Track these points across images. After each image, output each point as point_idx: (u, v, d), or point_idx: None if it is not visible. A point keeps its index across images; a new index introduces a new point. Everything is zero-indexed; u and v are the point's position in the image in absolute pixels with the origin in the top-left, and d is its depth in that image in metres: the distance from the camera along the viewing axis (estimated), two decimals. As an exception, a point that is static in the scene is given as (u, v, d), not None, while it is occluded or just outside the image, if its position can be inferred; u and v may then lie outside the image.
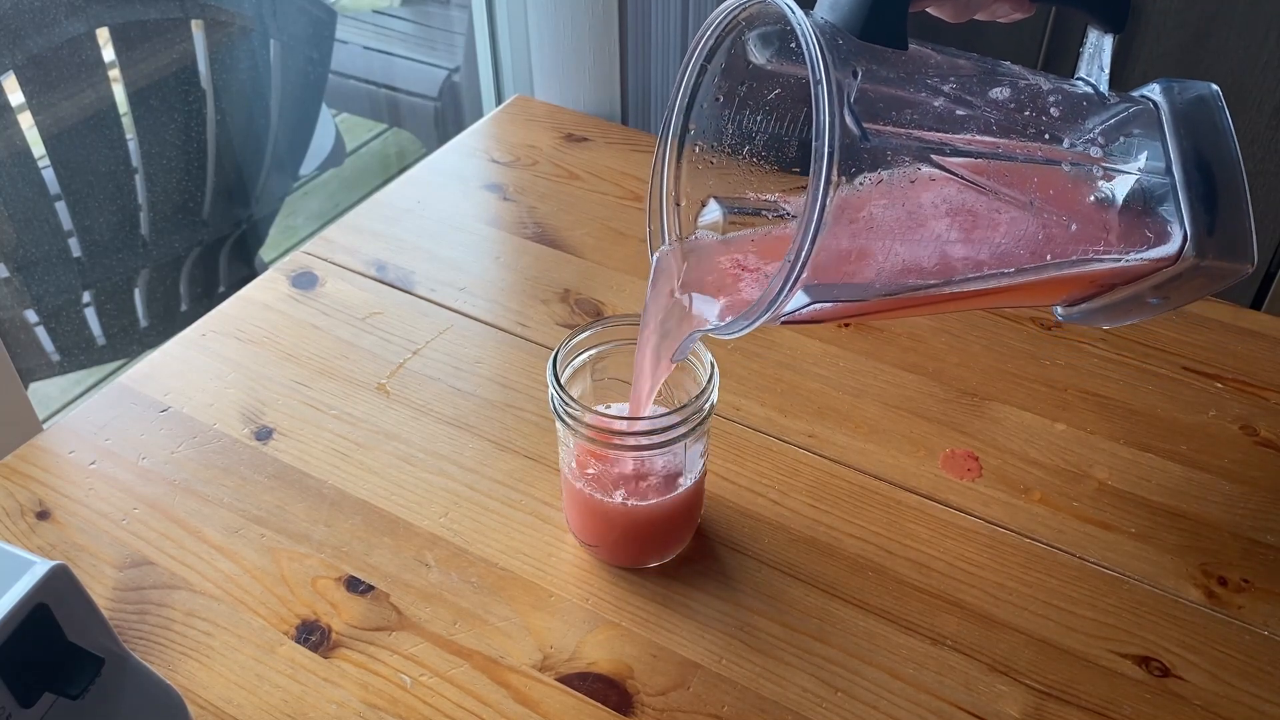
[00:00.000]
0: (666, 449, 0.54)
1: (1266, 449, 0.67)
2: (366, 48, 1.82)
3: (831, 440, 0.67)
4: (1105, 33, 0.53)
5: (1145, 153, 0.52)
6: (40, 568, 0.40)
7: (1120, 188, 0.51)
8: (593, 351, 0.58)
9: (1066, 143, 0.50)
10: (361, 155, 1.97)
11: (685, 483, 0.57)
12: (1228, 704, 0.54)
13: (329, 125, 1.65)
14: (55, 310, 1.25)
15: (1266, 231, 1.20)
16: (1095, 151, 0.51)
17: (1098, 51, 0.54)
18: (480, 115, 1.00)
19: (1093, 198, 0.51)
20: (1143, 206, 0.51)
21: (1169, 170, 0.51)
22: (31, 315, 1.24)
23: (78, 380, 1.48)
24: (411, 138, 1.91)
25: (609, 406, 0.59)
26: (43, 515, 0.62)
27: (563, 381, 0.54)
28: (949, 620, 0.57)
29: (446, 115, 1.74)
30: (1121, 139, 0.52)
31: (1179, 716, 0.54)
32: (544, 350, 0.73)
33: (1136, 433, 0.68)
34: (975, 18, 0.51)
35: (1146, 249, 0.51)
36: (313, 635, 0.56)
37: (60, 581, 0.40)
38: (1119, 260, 0.51)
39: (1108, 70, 0.53)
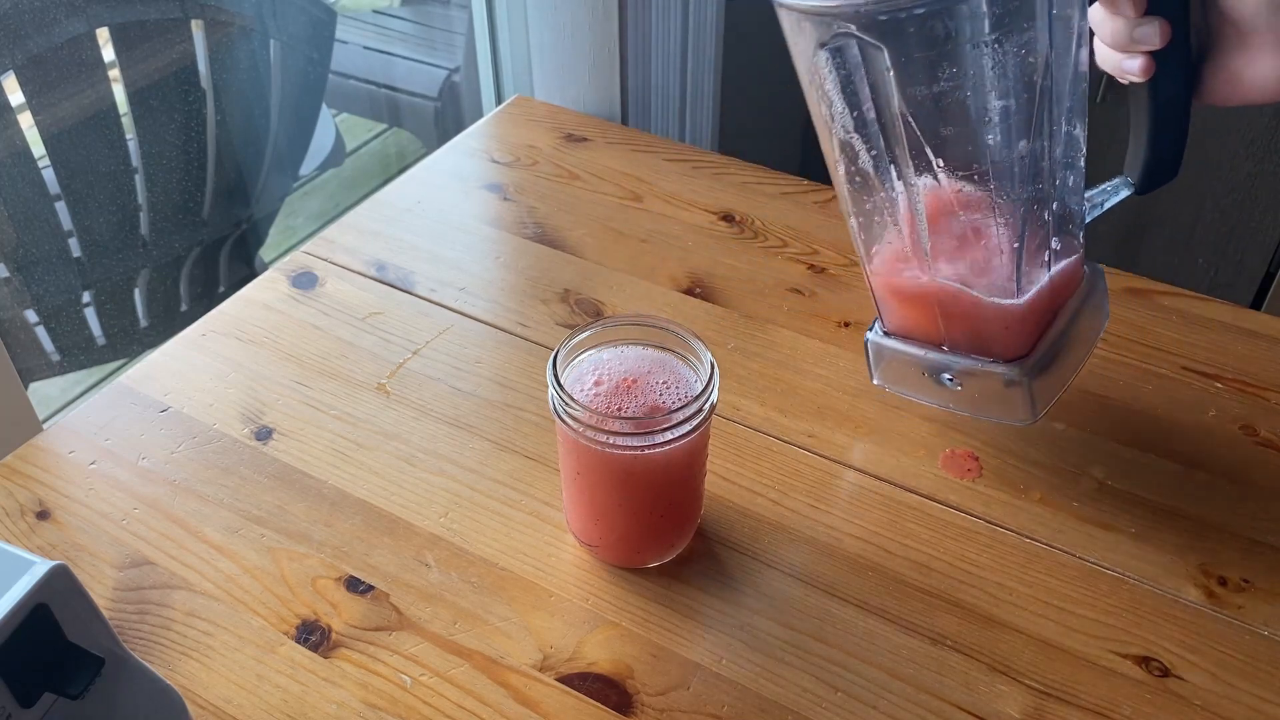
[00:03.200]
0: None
1: (1266, 449, 0.67)
2: (366, 48, 1.82)
3: (831, 440, 0.67)
4: (1129, 188, 0.58)
5: None
6: (40, 568, 0.40)
7: None
8: (593, 351, 0.58)
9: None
10: (361, 155, 1.97)
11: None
12: (1228, 704, 0.54)
13: (329, 125, 1.65)
14: (55, 310, 1.25)
15: (1266, 232, 1.20)
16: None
17: (1108, 195, 0.58)
18: (480, 115, 1.00)
19: None
20: None
21: None
22: (31, 315, 1.24)
23: (78, 380, 1.48)
24: (411, 138, 1.91)
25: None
26: (43, 515, 0.62)
27: (563, 382, 0.54)
28: (949, 620, 0.57)
29: (446, 115, 1.74)
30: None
31: (1179, 716, 0.54)
32: (544, 350, 0.73)
33: (1136, 433, 0.68)
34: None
35: None
36: (313, 635, 0.56)
37: (60, 581, 0.40)
38: None
39: (1099, 212, 0.59)
